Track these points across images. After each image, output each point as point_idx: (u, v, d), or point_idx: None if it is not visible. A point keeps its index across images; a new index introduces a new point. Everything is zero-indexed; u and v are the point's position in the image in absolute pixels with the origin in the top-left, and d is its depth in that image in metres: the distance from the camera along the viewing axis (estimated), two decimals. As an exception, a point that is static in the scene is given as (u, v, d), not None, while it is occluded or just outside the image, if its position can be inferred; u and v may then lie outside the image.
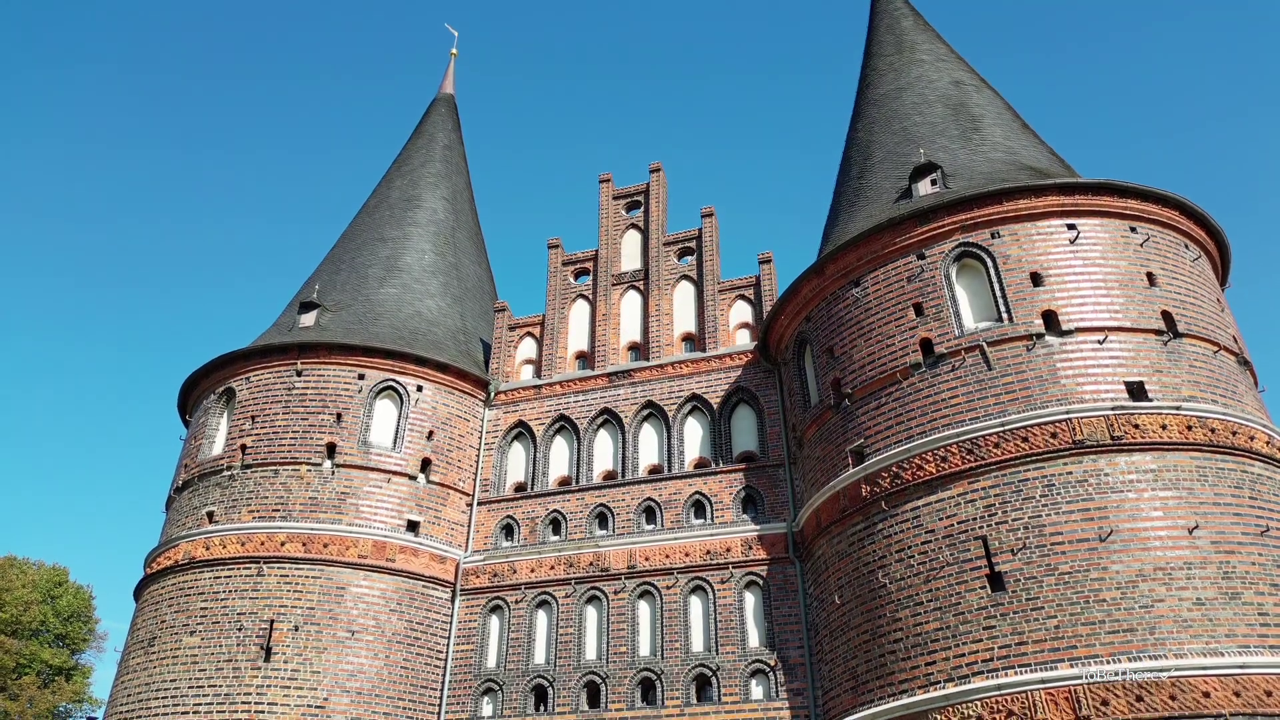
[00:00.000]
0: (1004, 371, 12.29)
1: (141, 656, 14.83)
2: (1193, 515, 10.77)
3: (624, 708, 13.93)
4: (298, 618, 14.48)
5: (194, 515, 16.01)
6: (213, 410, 17.41)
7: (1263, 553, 10.65)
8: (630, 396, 17.11)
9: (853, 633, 12.38)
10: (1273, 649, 9.93)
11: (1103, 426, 11.39)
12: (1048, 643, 10.40)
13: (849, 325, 14.18)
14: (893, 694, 11.39)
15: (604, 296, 18.71)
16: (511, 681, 14.79)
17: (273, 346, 17.30)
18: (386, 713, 14.32)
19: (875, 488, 12.67)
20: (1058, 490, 11.20)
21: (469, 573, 16.07)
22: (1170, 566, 10.41)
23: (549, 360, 18.30)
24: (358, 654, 14.48)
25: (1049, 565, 10.77)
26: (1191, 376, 12.10)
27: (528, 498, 16.77)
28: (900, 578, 11.89)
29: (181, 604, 14.95)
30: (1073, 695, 9.95)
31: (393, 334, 17.84)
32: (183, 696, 13.95)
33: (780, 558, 14.40)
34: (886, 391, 13.23)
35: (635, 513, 15.78)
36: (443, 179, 22.64)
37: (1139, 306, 12.55)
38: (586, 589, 15.23)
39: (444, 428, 17.18)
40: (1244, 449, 11.57)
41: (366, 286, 19.13)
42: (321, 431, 16.27)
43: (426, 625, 15.37)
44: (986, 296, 13.09)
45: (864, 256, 14.33)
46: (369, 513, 15.71)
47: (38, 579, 32.77)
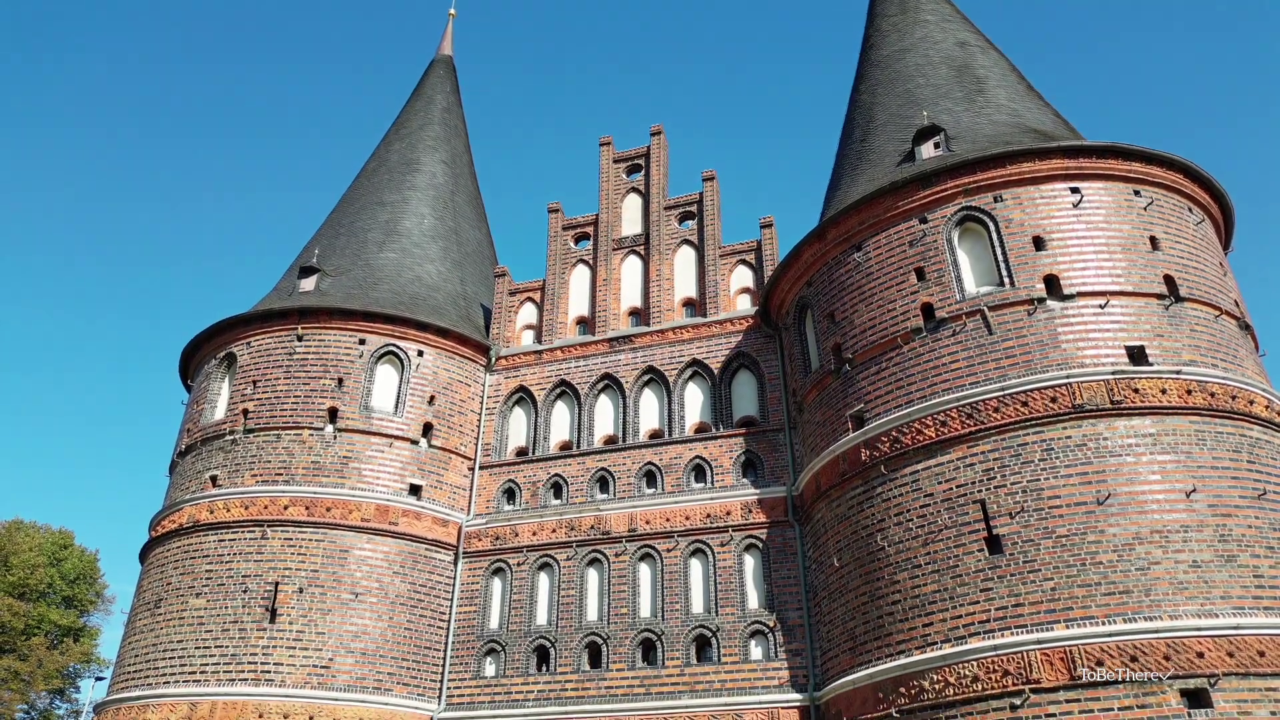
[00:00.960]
0: (1005, 336, 12.29)
1: (148, 618, 15.02)
2: (1190, 479, 10.84)
3: (625, 668, 14.13)
4: (302, 580, 14.64)
5: (197, 479, 16.12)
6: (214, 375, 17.45)
7: (1259, 516, 10.73)
8: (631, 361, 17.13)
9: (851, 595, 12.52)
10: (1267, 610, 10.05)
11: (1102, 391, 11.42)
12: (1044, 604, 10.51)
13: (850, 290, 14.15)
14: (890, 654, 11.54)
15: (604, 261, 18.65)
16: (514, 642, 14.99)
17: (273, 311, 17.29)
18: (391, 672, 14.53)
19: (875, 452, 12.73)
20: (1056, 454, 11.25)
21: (471, 536, 16.21)
22: (1167, 529, 10.50)
23: (549, 325, 18.29)
24: (362, 615, 14.66)
25: (1046, 528, 10.86)
26: (1192, 341, 12.09)
27: (529, 462, 16.86)
28: (899, 541, 11.99)
29: (186, 567, 15.10)
30: (1068, 655, 10.08)
31: (393, 299, 17.82)
32: (190, 657, 14.15)
33: (780, 521, 14.51)
34: (887, 356, 13.24)
35: (636, 477, 15.88)
36: (441, 142, 22.46)
37: (1141, 271, 12.51)
38: (588, 551, 15.37)
39: (445, 393, 17.22)
40: (1243, 413, 11.60)
41: (366, 251, 19.07)
42: (323, 396, 16.32)
43: (430, 587, 15.54)
44: (988, 261, 13.05)
45: (866, 221, 14.26)
46: (371, 477, 15.81)
47: (43, 542, 33.09)
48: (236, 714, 13.49)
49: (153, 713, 13.78)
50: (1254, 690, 9.52)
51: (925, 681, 10.95)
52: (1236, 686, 9.55)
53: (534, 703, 14.28)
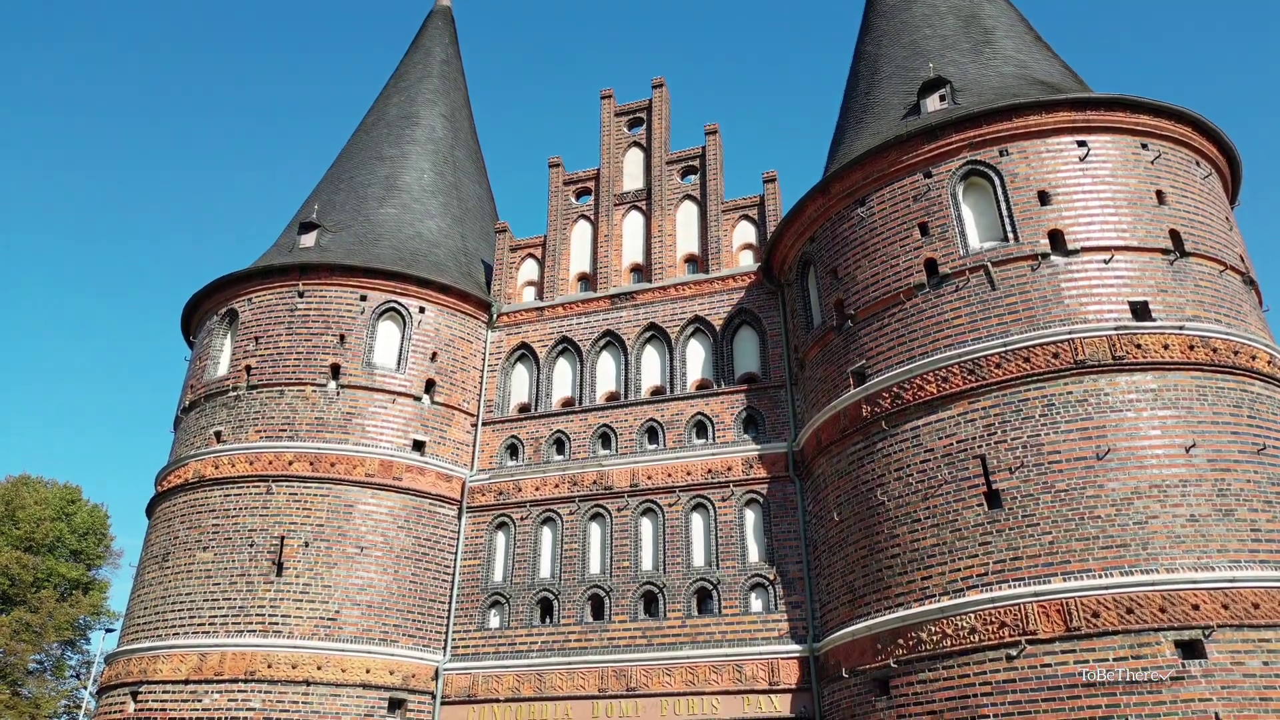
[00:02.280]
0: (1008, 292, 12.24)
1: (156, 571, 15.22)
2: (1190, 434, 10.88)
3: (627, 619, 14.34)
4: (307, 534, 14.80)
5: (202, 435, 16.21)
6: (216, 332, 17.46)
7: (1258, 470, 10.79)
8: (632, 318, 17.11)
9: (851, 548, 12.65)
10: (1263, 563, 10.15)
11: (1105, 346, 11.41)
12: (1042, 558, 10.63)
13: (853, 245, 14.07)
14: (889, 607, 11.70)
15: (606, 217, 18.53)
16: (518, 594, 15.20)
17: (273, 267, 17.24)
18: (397, 624, 14.76)
19: (876, 408, 12.77)
20: (1057, 410, 11.28)
21: (475, 491, 16.34)
22: (1166, 484, 10.56)
23: (551, 282, 18.23)
24: (367, 569, 14.84)
25: (1046, 483, 10.93)
26: (1196, 296, 12.05)
27: (532, 418, 16.94)
28: (899, 495, 12.08)
29: (193, 521, 15.26)
30: (1064, 607, 10.22)
31: (394, 255, 17.74)
32: (198, 609, 14.36)
33: (780, 476, 14.62)
34: (889, 312, 13.20)
35: (638, 433, 15.96)
36: (441, 95, 22.17)
37: (1147, 225, 12.42)
38: (590, 506, 15.51)
39: (447, 349, 17.23)
40: (1245, 368, 11.60)
41: (366, 206, 18.94)
42: (325, 353, 16.34)
43: (434, 541, 15.71)
44: (993, 215, 12.95)
45: (870, 175, 14.13)
46: (375, 433, 15.90)
47: (50, 497, 33.40)
48: (245, 664, 13.73)
49: (163, 663, 14.02)
50: (1247, 641, 9.67)
51: (923, 633, 11.12)
52: (1230, 638, 9.69)
53: (538, 653, 14.53)
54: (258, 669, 13.71)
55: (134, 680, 14.15)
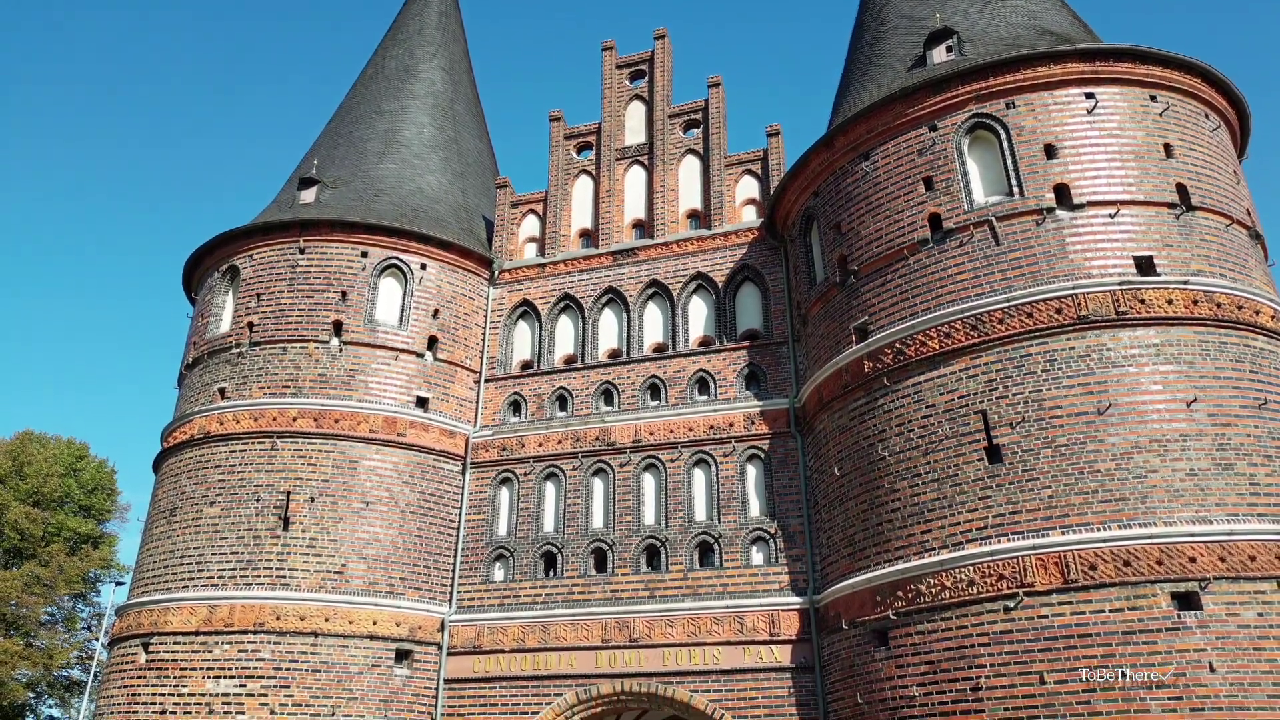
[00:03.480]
0: (1012, 247, 12.18)
1: (164, 525, 15.40)
2: (1192, 389, 10.89)
3: (630, 572, 14.53)
4: (313, 489, 14.94)
5: (206, 391, 16.29)
6: (217, 288, 17.44)
7: (1259, 425, 10.83)
8: (635, 275, 17.05)
9: (851, 503, 12.76)
10: (1261, 516, 10.24)
11: (1108, 302, 11.38)
12: (1041, 511, 10.72)
13: (857, 200, 13.97)
14: (889, 560, 11.84)
15: (607, 172, 18.37)
16: (522, 548, 15.38)
17: (274, 224, 17.15)
18: (403, 577, 14.96)
19: (878, 364, 12.78)
20: (1059, 365, 11.29)
21: (478, 447, 16.44)
22: (1166, 439, 10.61)
23: (552, 238, 18.14)
24: (373, 523, 15.00)
25: (1046, 438, 10.98)
26: (1201, 250, 11.98)
27: (534, 375, 16.98)
28: (899, 450, 12.15)
29: (199, 476, 15.40)
30: (1062, 560, 10.34)
31: (394, 211, 17.64)
32: (206, 563, 14.56)
33: (782, 432, 14.69)
34: (893, 268, 13.15)
35: (640, 389, 16.01)
36: (439, 48, 21.84)
37: (1154, 179, 12.30)
38: (593, 462, 15.61)
39: (449, 306, 17.21)
40: (1249, 323, 11.58)
41: (366, 162, 18.79)
42: (327, 309, 16.33)
43: (439, 496, 15.86)
44: (998, 169, 12.83)
45: (874, 128, 13.97)
46: (378, 389, 15.96)
47: (58, 453, 33.67)
48: (254, 616, 13.96)
49: (173, 615, 14.26)
50: (1243, 593, 9.79)
51: (922, 585, 11.26)
52: (1226, 590, 9.82)
53: (542, 605, 14.74)
54: (266, 621, 13.93)
55: (145, 632, 14.40)
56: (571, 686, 14.06)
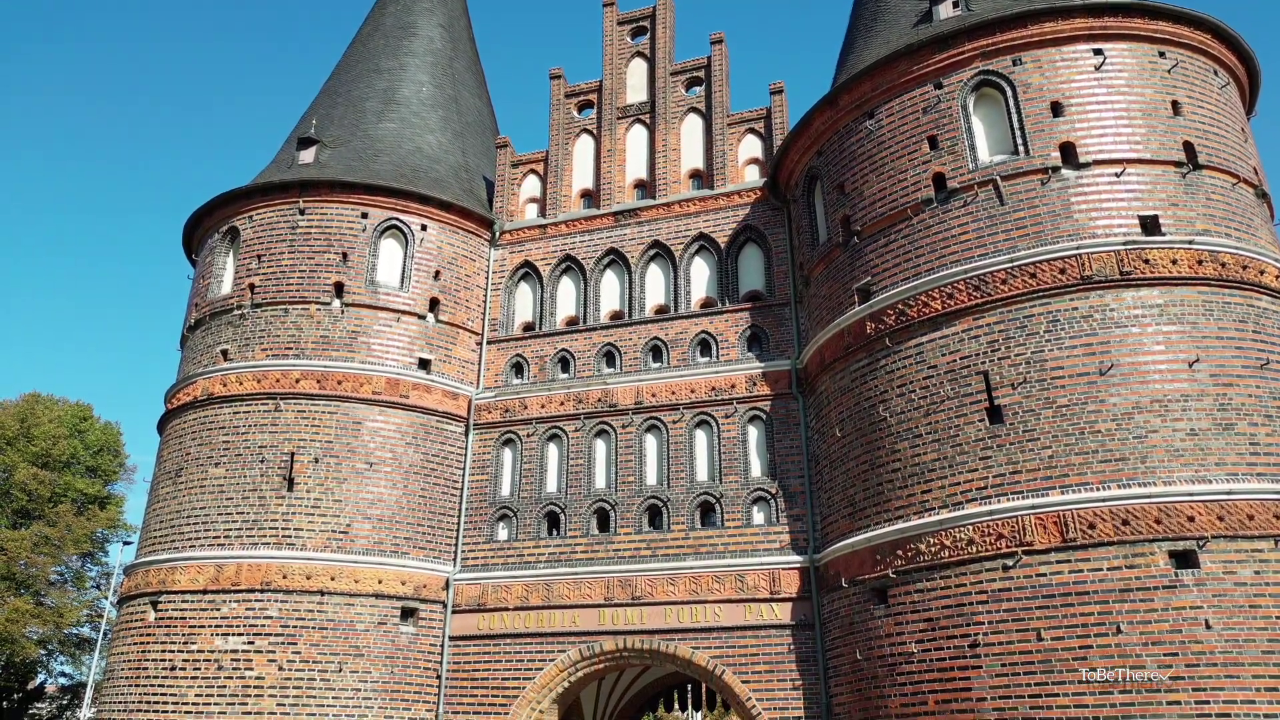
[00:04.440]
0: (1016, 207, 12.09)
1: (170, 486, 15.52)
2: (1194, 349, 10.88)
3: (632, 532, 14.66)
4: (317, 450, 15.03)
5: (208, 353, 16.31)
6: (218, 249, 17.38)
7: (1260, 385, 10.83)
8: (637, 236, 16.96)
9: (852, 463, 12.83)
10: (1260, 476, 10.28)
11: (1112, 262, 11.32)
12: (1041, 471, 10.77)
13: (861, 159, 13.84)
14: (889, 519, 11.93)
15: (609, 131, 18.18)
16: (525, 508, 15.51)
17: (273, 184, 17.04)
18: (408, 537, 15.11)
19: (880, 325, 12.76)
20: (1062, 326, 11.27)
21: (481, 408, 16.50)
22: (1167, 399, 10.62)
23: (553, 199, 18.01)
24: (377, 484, 15.11)
25: (1048, 398, 11.00)
26: (1207, 210, 11.89)
27: (536, 337, 16.97)
28: (900, 411, 12.18)
29: (204, 438, 15.48)
30: (1061, 519, 10.41)
31: (394, 171, 17.51)
32: (213, 523, 14.70)
33: (783, 393, 14.72)
34: (896, 228, 13.08)
35: (642, 351, 16.01)
36: (438, 4, 21.49)
37: (1160, 137, 12.16)
38: (595, 424, 15.67)
39: (450, 267, 17.16)
40: (1253, 283, 11.52)
41: (365, 121, 18.60)
42: (328, 271, 16.29)
43: (442, 457, 15.95)
44: (1004, 128, 12.68)
45: (879, 86, 13.79)
46: (380, 351, 15.97)
47: (63, 415, 33.82)
48: (261, 575, 14.13)
49: (181, 574, 14.43)
50: (1240, 552, 9.87)
51: (921, 545, 11.36)
52: (1224, 548, 9.89)
53: (545, 564, 14.90)
54: (273, 580, 14.11)
55: (153, 590, 14.59)
56: (575, 643, 14.26)
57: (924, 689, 10.93)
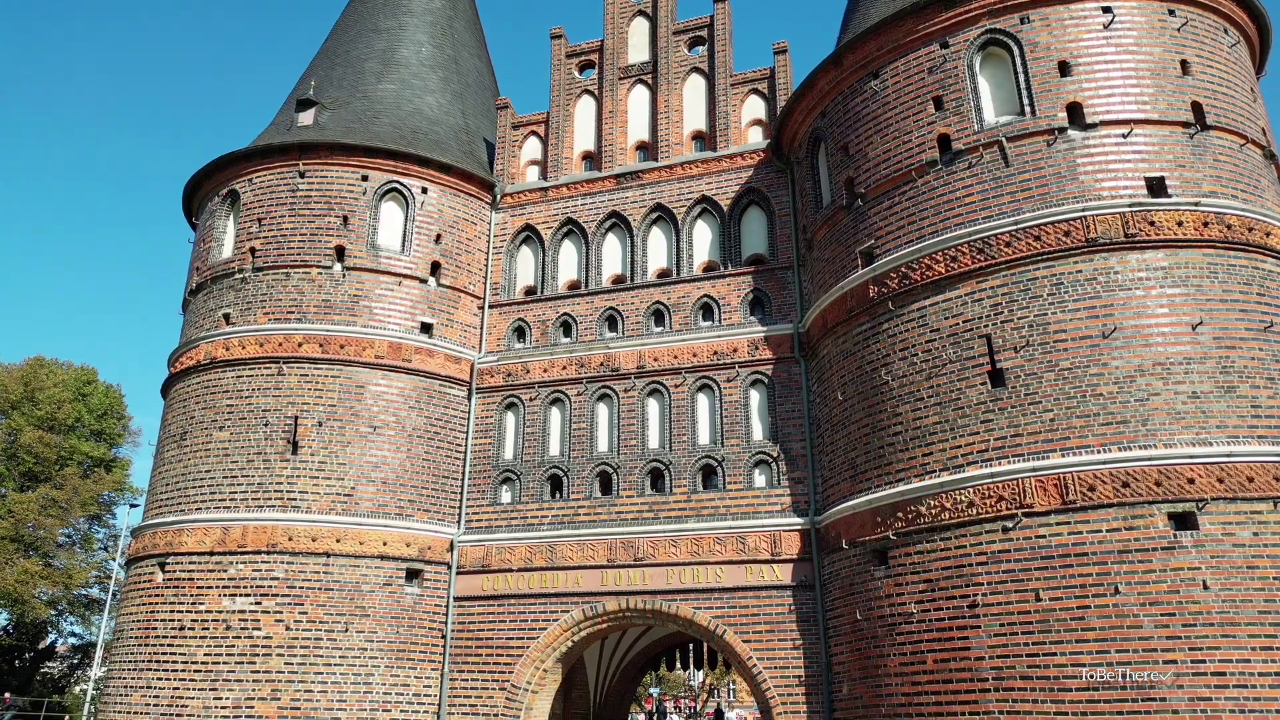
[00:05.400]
0: (1021, 168, 11.99)
1: (175, 449, 15.61)
2: (1198, 312, 10.84)
3: (634, 495, 14.76)
4: (320, 414, 15.09)
5: (210, 317, 16.31)
6: (218, 213, 17.30)
7: (1263, 348, 10.81)
8: (638, 199, 16.85)
9: (853, 426, 12.87)
10: (1261, 438, 10.31)
11: (1117, 224, 11.25)
12: (1042, 434, 10.81)
13: (865, 120, 13.69)
14: (889, 482, 12.00)
15: (610, 92, 17.98)
16: (528, 472, 15.60)
17: (273, 147, 16.91)
18: (412, 500, 15.22)
19: (883, 288, 12.72)
20: (1066, 288, 11.23)
21: (484, 372, 16.52)
22: (1170, 362, 10.62)
23: (554, 161, 17.87)
24: (381, 447, 15.19)
25: (1050, 362, 11.00)
26: (1214, 171, 11.78)
27: (538, 301, 16.94)
28: (903, 375, 12.19)
29: (208, 401, 15.54)
30: (1061, 482, 10.46)
31: (394, 133, 17.35)
32: (218, 485, 14.81)
33: (786, 357, 14.72)
34: (900, 191, 12.98)
35: (644, 315, 15.99)
36: (437, -37, 21.14)
37: (1169, 97, 12.01)
38: (598, 388, 15.70)
39: (451, 231, 17.08)
40: (1259, 245, 11.45)
41: (364, 82, 18.40)
42: (329, 234, 16.22)
43: (445, 421, 16.01)
44: (1010, 88, 12.53)
45: (884, 46, 13.60)
46: (383, 315, 15.96)
47: (67, 379, 33.91)
48: (267, 537, 14.26)
49: (187, 536, 14.57)
50: (1239, 513, 9.93)
51: (922, 507, 11.44)
52: (1223, 510, 9.95)
53: (548, 526, 15.03)
54: (279, 542, 14.24)
55: (161, 552, 14.74)
56: (578, 604, 14.43)
57: (923, 648, 11.07)
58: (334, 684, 13.77)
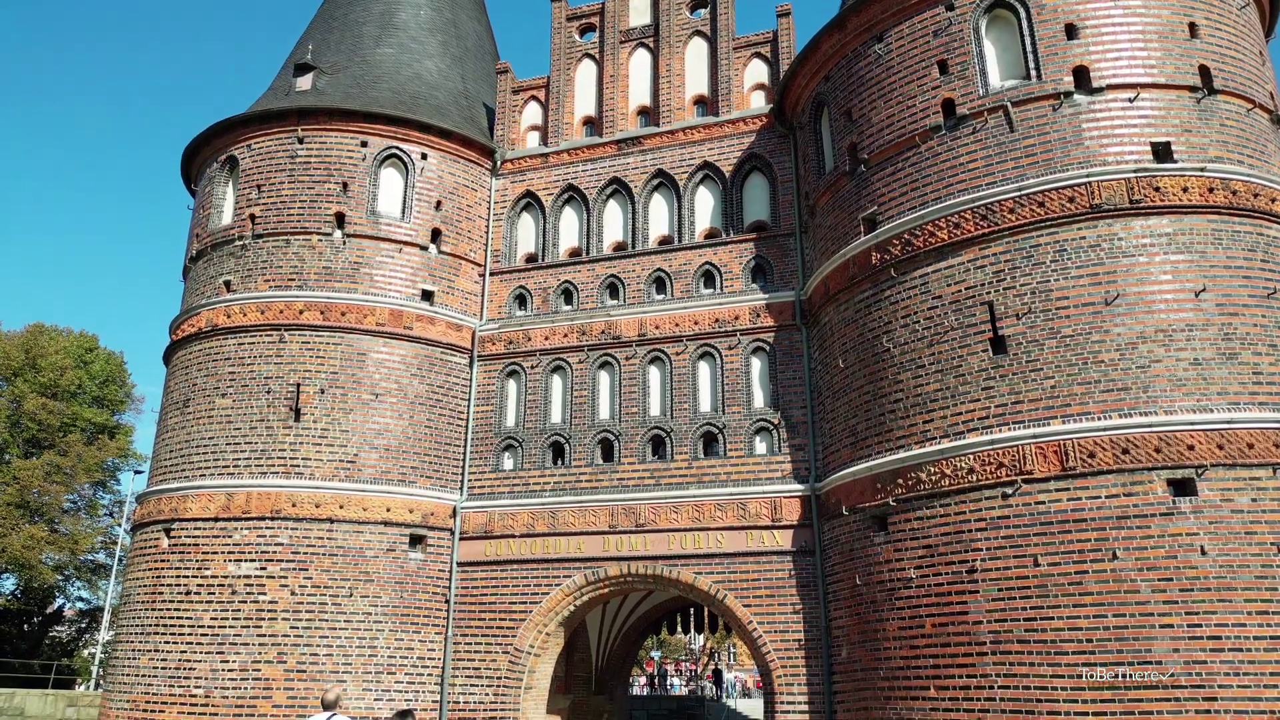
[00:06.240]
0: (1026, 134, 11.88)
1: (178, 416, 15.66)
2: (1201, 278, 10.80)
3: (636, 461, 14.83)
4: (322, 381, 15.11)
5: (211, 284, 16.28)
6: (217, 179, 17.19)
7: (1266, 314, 10.78)
8: (640, 165, 16.73)
9: (854, 394, 12.89)
10: (1261, 405, 10.32)
11: (1123, 190, 11.16)
12: (1043, 401, 10.82)
13: (869, 85, 13.55)
14: (890, 449, 12.04)
15: (611, 56, 17.78)
16: (530, 439, 15.66)
17: (271, 112, 16.76)
18: (414, 466, 15.30)
19: (885, 255, 12.67)
20: (1069, 255, 11.18)
21: (485, 340, 16.52)
22: (1172, 329, 10.60)
23: (555, 127, 17.71)
24: (383, 414, 15.23)
25: (1052, 328, 10.98)
26: (1221, 136, 11.66)
27: (539, 268, 16.89)
28: (904, 342, 12.18)
29: (209, 369, 15.56)
30: (1061, 448, 10.50)
31: (393, 98, 17.18)
32: (221, 452, 14.88)
33: (787, 325, 14.71)
34: (903, 156, 12.87)
35: (646, 283, 15.94)
36: (435, -77, 20.79)
37: (1176, 61, 11.87)
38: (599, 355, 15.71)
39: (451, 197, 16.98)
40: (1264, 211, 11.37)
41: (362, 46, 18.19)
42: (329, 201, 16.13)
43: (447, 388, 16.04)
44: (1016, 52, 12.37)
45: (889, 8, 13.41)
46: (383, 282, 15.92)
47: (69, 346, 33.90)
48: (271, 503, 14.36)
49: (192, 502, 14.67)
50: (1239, 480, 9.96)
51: (922, 473, 11.49)
52: (1223, 476, 9.99)
53: (551, 492, 15.12)
54: (283, 508, 14.34)
55: (166, 518, 14.86)
56: (580, 569, 14.56)
57: (922, 613, 11.18)
58: (339, 647, 13.95)
